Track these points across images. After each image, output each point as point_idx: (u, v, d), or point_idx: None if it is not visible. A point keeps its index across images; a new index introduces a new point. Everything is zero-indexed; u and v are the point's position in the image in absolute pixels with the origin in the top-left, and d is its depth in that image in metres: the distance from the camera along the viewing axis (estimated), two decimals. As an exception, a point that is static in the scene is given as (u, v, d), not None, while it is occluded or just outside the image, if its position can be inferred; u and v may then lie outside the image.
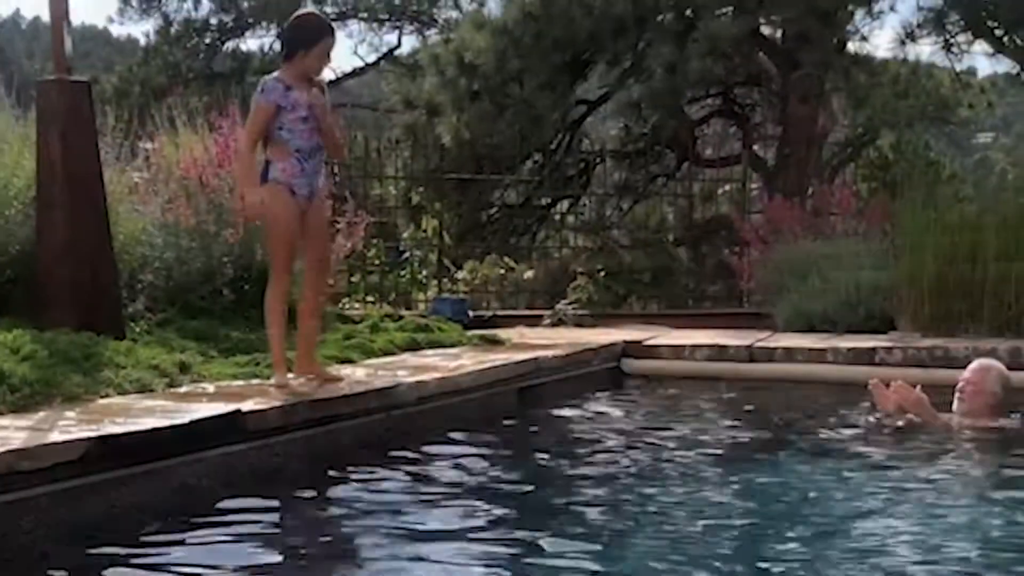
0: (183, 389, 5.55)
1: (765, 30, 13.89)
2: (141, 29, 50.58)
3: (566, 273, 12.97)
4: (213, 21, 27.18)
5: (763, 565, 3.68)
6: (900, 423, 6.19)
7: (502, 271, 12.54)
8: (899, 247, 9.54)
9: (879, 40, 44.34)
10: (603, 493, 4.79)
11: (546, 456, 5.61)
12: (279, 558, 3.89)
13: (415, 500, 4.61)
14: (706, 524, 4.24)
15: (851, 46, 13.89)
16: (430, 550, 3.87)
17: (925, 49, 15.06)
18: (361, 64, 28.87)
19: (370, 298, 12.15)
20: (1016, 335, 8.58)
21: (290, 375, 5.77)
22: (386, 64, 27.86)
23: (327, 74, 5.99)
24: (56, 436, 4.11)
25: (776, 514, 4.43)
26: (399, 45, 27.90)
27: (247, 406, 4.90)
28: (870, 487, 4.86)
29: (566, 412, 6.89)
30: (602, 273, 12.42)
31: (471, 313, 10.22)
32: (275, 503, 4.46)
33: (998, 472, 5.34)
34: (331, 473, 4.90)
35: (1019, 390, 7.18)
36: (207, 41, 27.31)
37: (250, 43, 28.44)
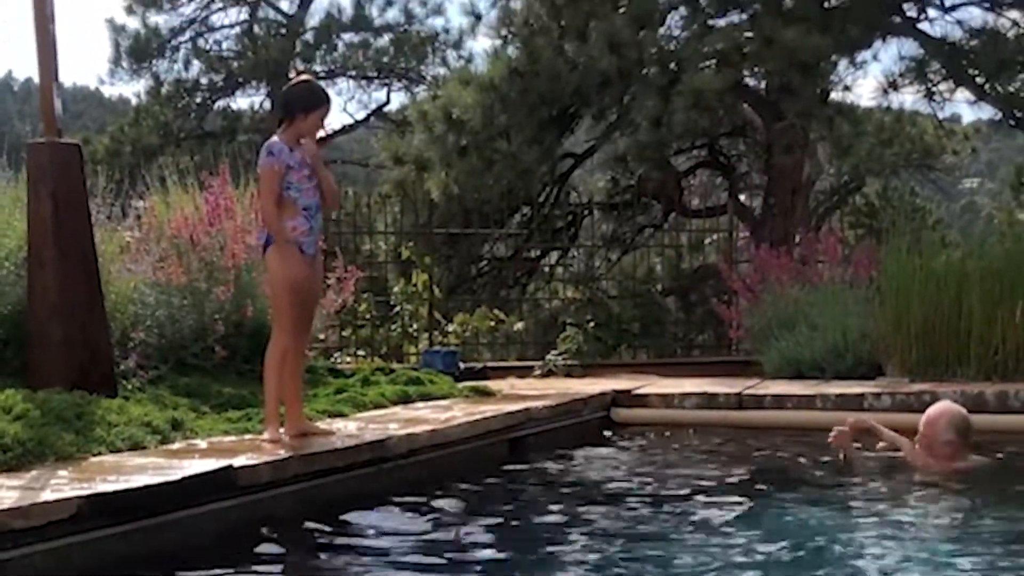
0: (175, 446, 5.58)
1: (749, 82, 14.04)
2: (132, 89, 50.97)
3: (556, 324, 13.04)
4: (203, 81, 27.40)
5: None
6: (842, 456, 6.42)
7: (492, 323, 12.58)
8: (885, 293, 9.61)
9: (862, 89, 44.80)
10: (596, 543, 4.82)
11: (538, 507, 5.64)
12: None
13: (408, 553, 4.63)
14: (701, 571, 4.27)
15: (835, 95, 14.04)
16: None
17: (908, 97, 15.26)
18: (351, 121, 29.08)
19: (361, 352, 12.19)
20: (1003, 379, 8.65)
21: (281, 430, 5.81)
22: (375, 120, 28.09)
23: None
24: (48, 495, 4.13)
25: (772, 561, 4.46)
26: (388, 102, 28.17)
27: (239, 461, 4.93)
28: (853, 529, 4.91)
29: (557, 462, 6.91)
30: (591, 324, 12.48)
31: (462, 365, 10.24)
32: (267, 557, 4.48)
33: (956, 515, 5.40)
34: (323, 527, 4.92)
35: (1007, 432, 7.31)
36: (198, 100, 27.52)
37: (240, 102, 28.71)
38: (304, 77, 6.38)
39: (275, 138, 5.88)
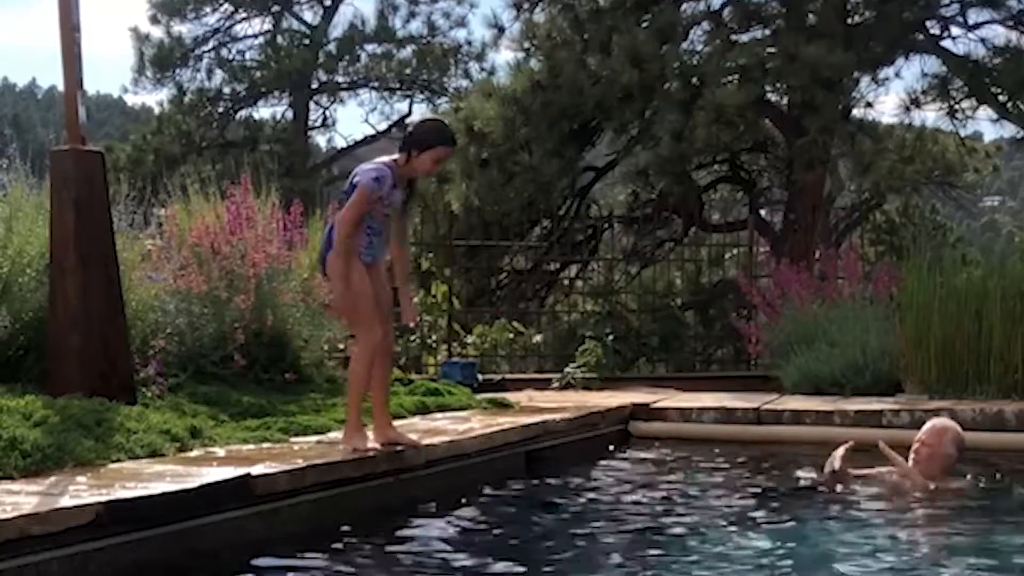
0: (193, 453, 5.60)
1: (771, 97, 14.03)
2: (155, 98, 51.34)
3: (575, 337, 13.03)
4: (226, 90, 27.57)
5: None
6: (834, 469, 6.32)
7: (511, 335, 12.59)
8: (905, 310, 9.58)
9: (884, 106, 44.65)
10: (608, 557, 4.81)
11: (554, 520, 5.63)
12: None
13: (422, 565, 4.63)
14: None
15: (856, 112, 14.05)
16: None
17: (930, 115, 15.18)
18: (372, 132, 29.20)
19: (380, 363, 12.19)
20: (1023, 397, 8.61)
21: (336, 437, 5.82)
22: (397, 132, 28.19)
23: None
24: (67, 501, 4.15)
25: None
26: (410, 113, 28.30)
27: (257, 470, 4.94)
28: (860, 547, 4.90)
29: (574, 475, 6.91)
30: (610, 337, 12.47)
31: (480, 377, 10.25)
32: (282, 567, 4.49)
33: (955, 532, 5.39)
34: (339, 537, 4.93)
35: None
36: (220, 110, 27.69)
37: (262, 112, 28.86)
38: (436, 117, 6.33)
39: (387, 164, 5.77)
